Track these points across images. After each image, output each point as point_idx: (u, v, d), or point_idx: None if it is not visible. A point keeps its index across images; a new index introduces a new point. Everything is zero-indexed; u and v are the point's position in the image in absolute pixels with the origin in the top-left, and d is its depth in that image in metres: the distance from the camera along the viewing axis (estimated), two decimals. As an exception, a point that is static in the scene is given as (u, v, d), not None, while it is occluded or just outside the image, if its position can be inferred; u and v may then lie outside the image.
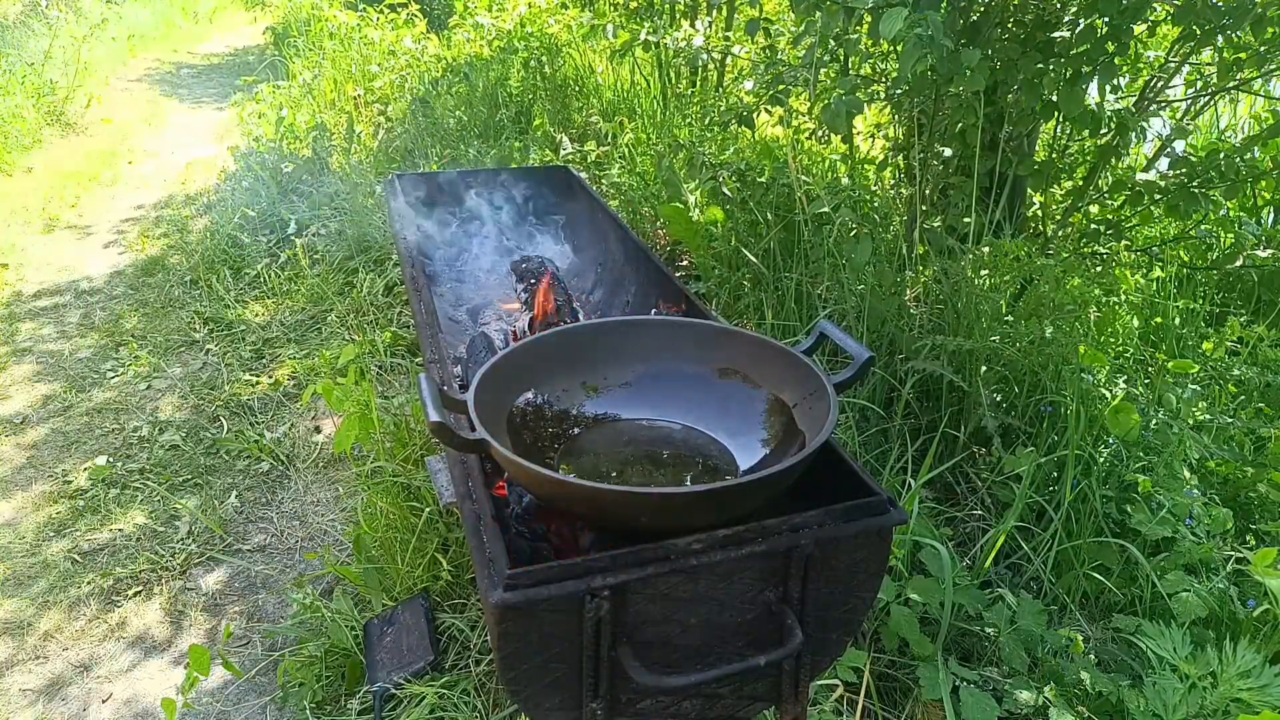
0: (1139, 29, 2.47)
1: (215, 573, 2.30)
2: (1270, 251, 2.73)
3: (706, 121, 4.07)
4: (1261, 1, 2.16)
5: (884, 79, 2.94)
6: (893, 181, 3.24)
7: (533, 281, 2.49)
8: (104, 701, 1.94)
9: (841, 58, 2.89)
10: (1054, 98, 2.42)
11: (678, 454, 1.20)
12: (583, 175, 3.46)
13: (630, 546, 0.95)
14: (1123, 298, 2.87)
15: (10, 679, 1.99)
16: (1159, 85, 2.75)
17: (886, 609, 1.82)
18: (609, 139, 4.43)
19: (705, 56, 3.79)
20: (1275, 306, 2.90)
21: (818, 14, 2.45)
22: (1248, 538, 2.08)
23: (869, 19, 2.42)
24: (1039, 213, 3.02)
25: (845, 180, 3.13)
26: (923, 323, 2.53)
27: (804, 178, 3.10)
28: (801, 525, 1.01)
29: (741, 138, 3.84)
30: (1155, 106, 2.81)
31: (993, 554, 2.01)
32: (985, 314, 2.44)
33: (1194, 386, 2.41)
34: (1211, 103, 3.42)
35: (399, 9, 6.72)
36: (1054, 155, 2.84)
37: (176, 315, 3.69)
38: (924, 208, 2.76)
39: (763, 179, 3.04)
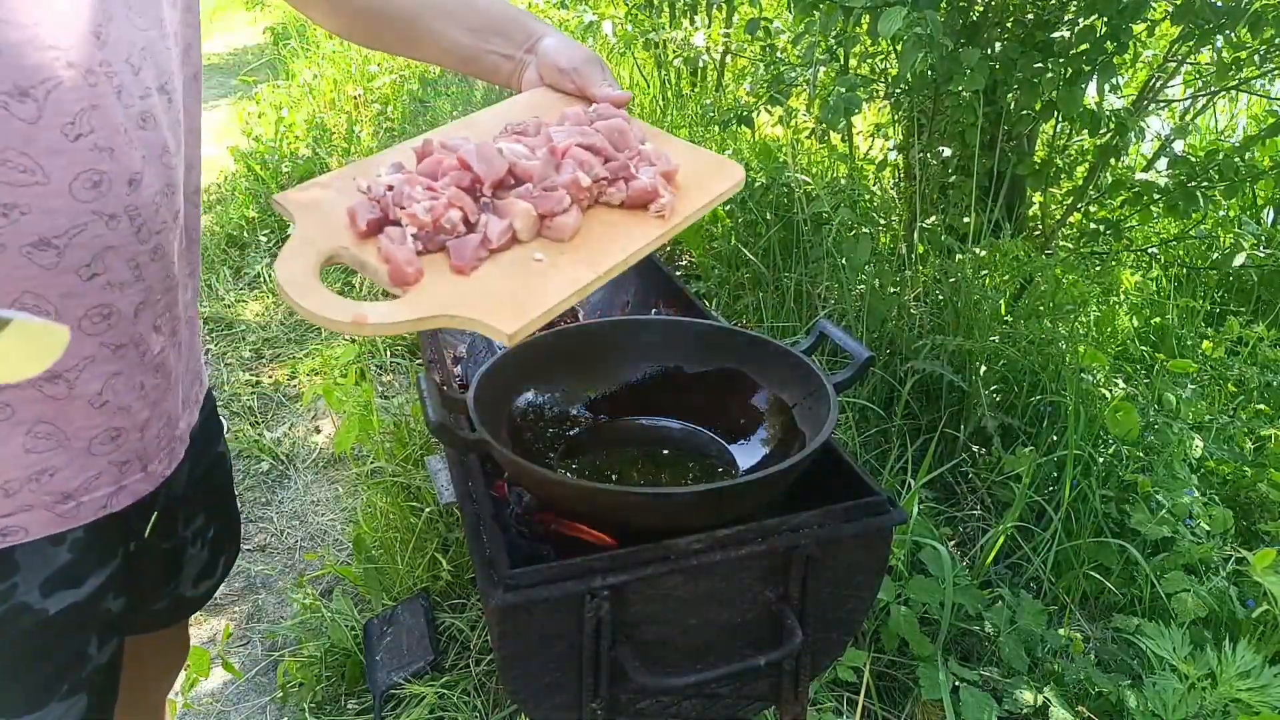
0: (1138, 28, 2.47)
1: (215, 573, 2.30)
2: (1270, 251, 2.74)
3: (706, 121, 4.07)
4: (1259, 4, 2.16)
5: (884, 78, 2.94)
6: (892, 181, 3.24)
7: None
8: (104, 701, 1.93)
9: (841, 57, 2.89)
10: (1053, 97, 2.42)
11: (678, 454, 1.20)
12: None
13: (630, 546, 0.95)
14: (1122, 297, 2.87)
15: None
16: (1158, 85, 2.75)
17: (886, 609, 1.82)
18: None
19: (705, 56, 3.79)
20: (1275, 306, 2.90)
21: (816, 13, 2.45)
22: (1248, 538, 2.09)
23: (868, 18, 2.42)
24: (1039, 213, 3.02)
25: (845, 180, 3.13)
26: (923, 323, 2.53)
27: (803, 177, 3.10)
28: (801, 525, 1.01)
29: (741, 138, 3.84)
30: (1154, 106, 2.82)
31: (993, 554, 2.01)
32: (985, 314, 2.44)
33: (1193, 386, 2.42)
34: (1211, 103, 3.42)
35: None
36: (1054, 155, 2.84)
37: (176, 315, 3.69)
38: (924, 207, 2.76)
39: (761, 179, 3.04)
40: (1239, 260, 2.69)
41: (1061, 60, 2.39)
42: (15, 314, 0.53)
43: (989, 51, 2.42)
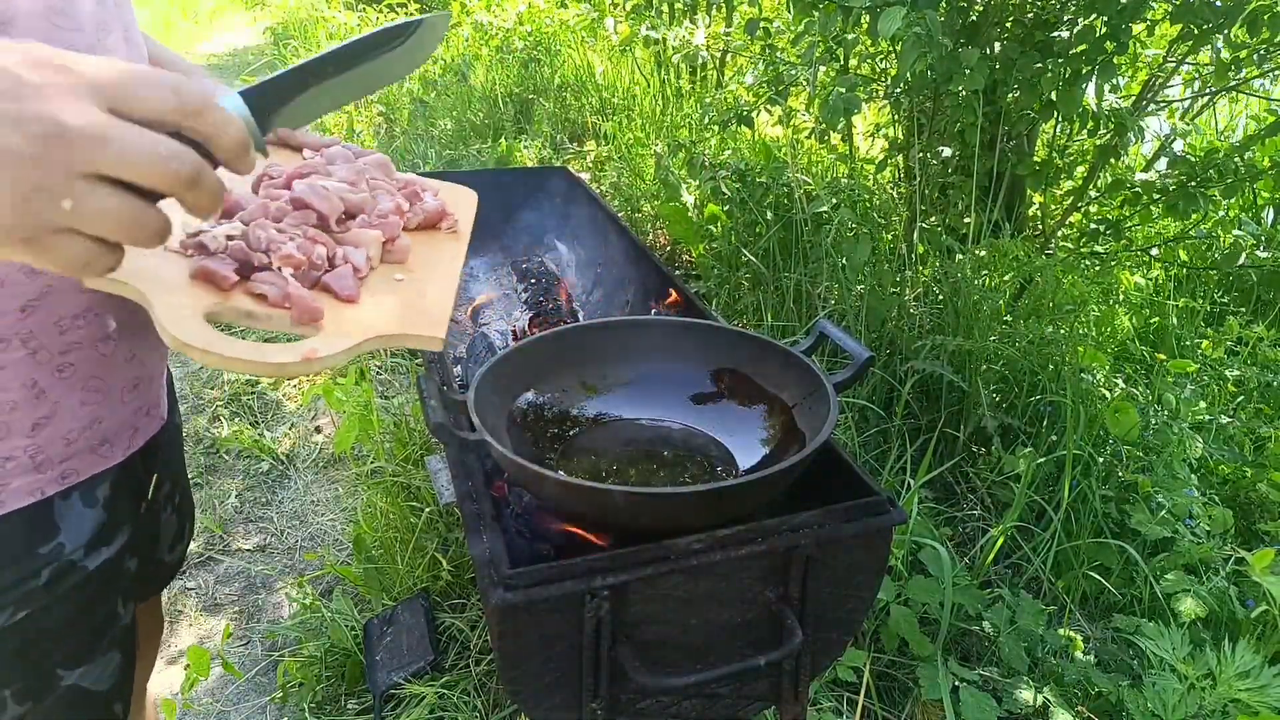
0: (1138, 28, 2.47)
1: (215, 572, 2.30)
2: (1270, 251, 2.74)
3: (706, 121, 4.07)
4: (1255, 4, 2.16)
5: (884, 78, 2.94)
6: (892, 181, 3.24)
7: (533, 281, 2.49)
8: (104, 702, 1.93)
9: (841, 57, 2.89)
10: (1053, 98, 2.42)
11: (678, 454, 1.20)
12: (583, 175, 3.46)
13: (630, 546, 0.95)
14: (1121, 297, 2.88)
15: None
16: (1157, 85, 2.75)
17: (886, 609, 1.82)
18: (609, 139, 4.43)
19: (704, 55, 3.79)
20: (1275, 306, 2.90)
21: (815, 13, 2.45)
22: (1248, 538, 2.09)
23: (868, 18, 2.42)
24: (1039, 213, 3.02)
25: (845, 180, 3.14)
26: (923, 323, 2.54)
27: (803, 177, 3.10)
28: (801, 525, 1.01)
29: (741, 137, 3.84)
30: (1154, 106, 2.82)
31: (992, 554, 2.01)
32: (985, 314, 2.44)
33: (1193, 386, 2.42)
34: (1210, 103, 3.43)
35: (398, 9, 6.72)
36: (1054, 155, 2.84)
37: (176, 315, 3.68)
38: (923, 207, 2.76)
39: (762, 179, 3.04)
40: (1239, 260, 2.69)
41: (1061, 60, 2.39)
42: (423, 16, 0.75)
43: (989, 51, 2.42)
